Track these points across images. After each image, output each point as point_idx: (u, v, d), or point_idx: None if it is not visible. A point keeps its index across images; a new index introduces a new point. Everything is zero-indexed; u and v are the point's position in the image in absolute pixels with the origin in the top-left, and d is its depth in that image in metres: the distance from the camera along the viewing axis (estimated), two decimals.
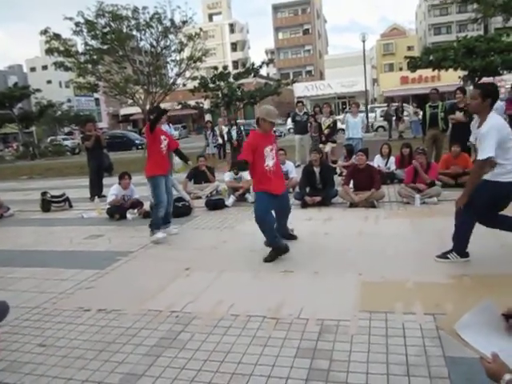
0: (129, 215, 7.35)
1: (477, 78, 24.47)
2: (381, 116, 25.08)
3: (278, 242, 4.63)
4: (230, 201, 7.69)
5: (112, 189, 7.58)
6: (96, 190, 9.54)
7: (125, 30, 22.65)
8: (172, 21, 23.04)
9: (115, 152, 23.83)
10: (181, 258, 4.93)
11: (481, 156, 3.60)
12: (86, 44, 22.64)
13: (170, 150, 6.12)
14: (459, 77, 25.91)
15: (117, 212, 7.34)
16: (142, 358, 2.85)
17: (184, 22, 23.29)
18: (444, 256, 4.13)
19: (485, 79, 23.92)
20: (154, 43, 23.99)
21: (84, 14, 21.59)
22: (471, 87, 25.20)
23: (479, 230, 4.05)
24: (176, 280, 4.25)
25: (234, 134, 13.91)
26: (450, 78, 29.70)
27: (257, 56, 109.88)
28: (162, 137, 5.93)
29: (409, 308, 3.22)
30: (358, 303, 3.38)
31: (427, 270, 3.96)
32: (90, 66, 22.98)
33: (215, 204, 7.57)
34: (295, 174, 8.26)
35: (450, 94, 22.24)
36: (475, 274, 3.76)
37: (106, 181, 10.10)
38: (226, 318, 3.31)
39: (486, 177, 3.72)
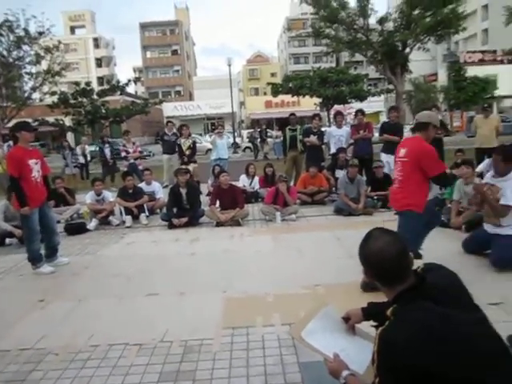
0: None
1: (329, 105, 27.21)
2: (247, 138, 26.23)
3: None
4: (92, 224, 7.26)
5: None
6: None
7: None
8: (26, 30, 21.32)
9: None
10: (34, 289, 4.50)
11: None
12: None
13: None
14: (315, 103, 28.53)
15: None
16: None
17: (40, 33, 21.72)
18: None
19: (336, 106, 26.72)
20: (5, 53, 21.88)
21: None
22: (325, 113, 27.94)
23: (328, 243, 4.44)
24: (28, 314, 3.86)
25: (107, 151, 13.07)
26: (309, 104, 32.50)
27: (124, 73, 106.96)
28: (32, 161, 4.94)
29: (268, 320, 3.40)
30: (222, 320, 3.47)
31: (286, 283, 4.24)
32: None
33: (76, 228, 7.10)
34: (162, 194, 8.19)
35: (308, 119, 24.26)
36: (327, 284, 4.14)
37: None
38: (84, 350, 3.11)
39: None
